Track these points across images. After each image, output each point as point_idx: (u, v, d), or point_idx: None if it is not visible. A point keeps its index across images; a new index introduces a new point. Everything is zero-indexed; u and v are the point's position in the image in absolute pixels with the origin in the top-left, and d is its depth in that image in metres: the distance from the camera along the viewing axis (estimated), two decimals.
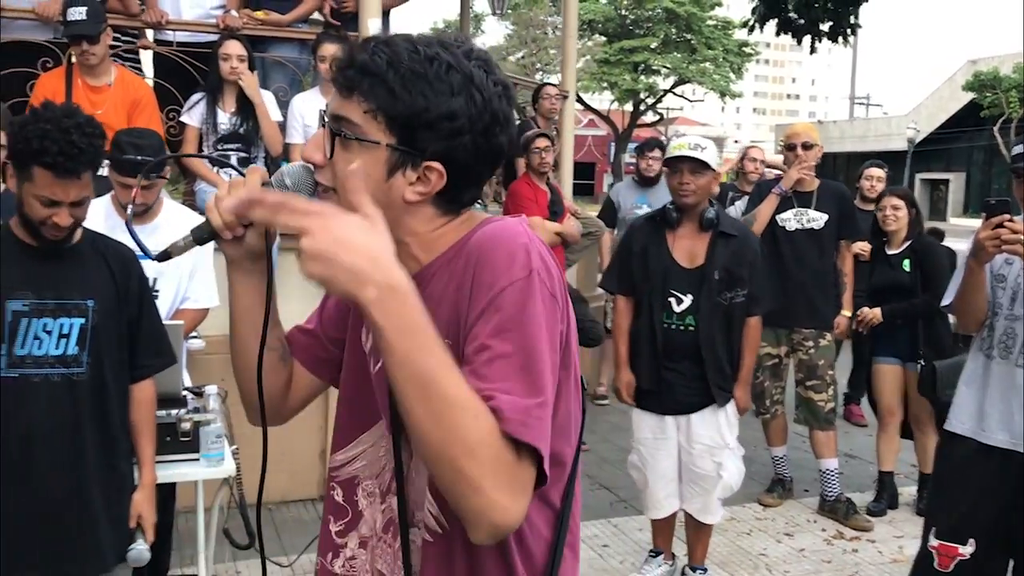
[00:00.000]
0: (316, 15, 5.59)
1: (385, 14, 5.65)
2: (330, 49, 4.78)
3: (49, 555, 2.36)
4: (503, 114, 1.25)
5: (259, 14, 5.24)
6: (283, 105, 4.95)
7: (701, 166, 3.58)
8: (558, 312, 1.21)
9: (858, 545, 4.60)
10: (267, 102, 4.78)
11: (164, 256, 1.34)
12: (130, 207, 3.22)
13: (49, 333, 2.34)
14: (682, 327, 3.66)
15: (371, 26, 5.29)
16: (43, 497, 2.34)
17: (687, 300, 3.65)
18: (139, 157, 3.20)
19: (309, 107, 4.90)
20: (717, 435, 3.72)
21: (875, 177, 6.28)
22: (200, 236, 1.32)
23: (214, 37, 4.89)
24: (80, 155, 2.25)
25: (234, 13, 5.09)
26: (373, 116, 1.21)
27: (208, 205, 1.30)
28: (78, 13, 4.32)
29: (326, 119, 1.26)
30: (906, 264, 4.85)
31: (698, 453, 3.73)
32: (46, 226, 2.31)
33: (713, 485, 3.75)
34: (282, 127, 4.87)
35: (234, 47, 4.62)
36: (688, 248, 3.69)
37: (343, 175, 1.20)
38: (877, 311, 4.86)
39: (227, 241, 1.32)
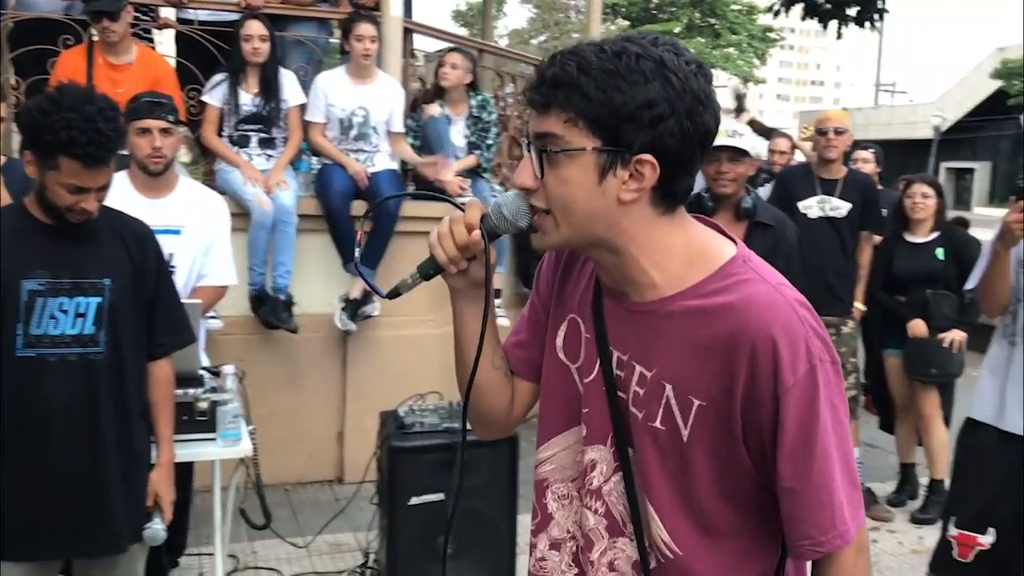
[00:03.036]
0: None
1: None
2: (369, 30, 4.77)
3: (65, 533, 2.36)
4: (703, 93, 1.24)
5: None
6: (304, 84, 4.93)
7: (739, 154, 3.48)
8: (840, 375, 1.27)
9: (877, 535, 4.55)
10: (288, 82, 4.76)
11: (394, 294, 1.39)
12: (357, 250, 3.27)
13: (65, 312, 2.34)
14: None
15: (393, 7, 5.26)
16: (60, 475, 2.34)
17: None
18: (159, 100, 3.27)
19: (334, 86, 4.88)
20: None
21: (860, 159, 5.80)
22: (426, 272, 1.37)
23: (236, 16, 4.87)
24: (108, 143, 2.25)
25: None
26: (574, 124, 1.22)
27: (432, 241, 1.36)
28: None
29: (530, 141, 1.28)
30: (939, 253, 4.77)
31: None
32: (72, 212, 2.30)
33: None
34: (304, 108, 4.85)
35: (256, 27, 4.60)
36: None
37: (555, 192, 1.25)
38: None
39: (453, 274, 1.37)
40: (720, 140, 3.46)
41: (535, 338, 1.50)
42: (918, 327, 4.70)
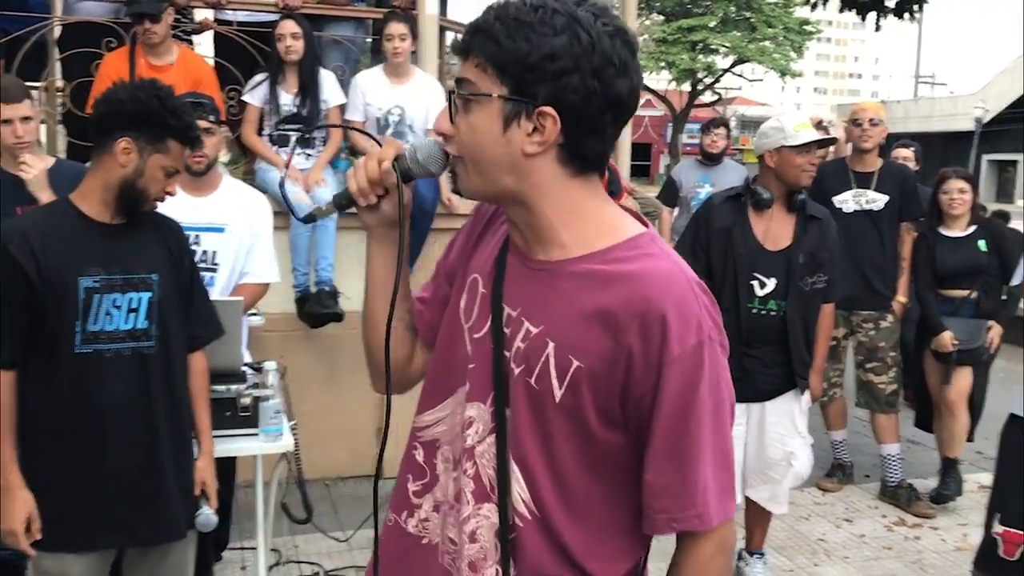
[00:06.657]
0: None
1: None
2: (398, 28, 4.79)
3: (127, 523, 2.42)
4: (618, 57, 1.21)
5: None
6: (341, 84, 4.97)
7: (824, 144, 3.48)
8: (725, 357, 1.28)
9: (920, 532, 4.51)
10: (327, 82, 4.80)
11: (310, 219, 1.45)
12: (283, 171, 3.36)
13: (119, 308, 2.38)
14: (764, 311, 3.52)
15: (428, 5, 5.29)
16: (120, 468, 2.39)
17: (770, 284, 3.50)
18: (198, 100, 3.36)
19: (372, 85, 4.92)
20: (790, 423, 3.62)
21: (901, 157, 5.75)
22: (339, 201, 1.42)
23: (276, 17, 4.92)
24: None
25: None
26: (483, 69, 1.23)
27: (348, 173, 1.39)
28: None
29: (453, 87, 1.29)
30: (982, 245, 4.72)
31: (770, 441, 3.62)
32: (159, 197, 2.45)
33: (783, 474, 3.66)
34: (344, 107, 4.90)
35: (288, 26, 4.64)
36: (773, 230, 3.52)
37: (466, 138, 1.26)
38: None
39: (363, 208, 1.40)
40: (819, 135, 3.46)
41: (435, 299, 1.51)
42: (943, 342, 4.66)
